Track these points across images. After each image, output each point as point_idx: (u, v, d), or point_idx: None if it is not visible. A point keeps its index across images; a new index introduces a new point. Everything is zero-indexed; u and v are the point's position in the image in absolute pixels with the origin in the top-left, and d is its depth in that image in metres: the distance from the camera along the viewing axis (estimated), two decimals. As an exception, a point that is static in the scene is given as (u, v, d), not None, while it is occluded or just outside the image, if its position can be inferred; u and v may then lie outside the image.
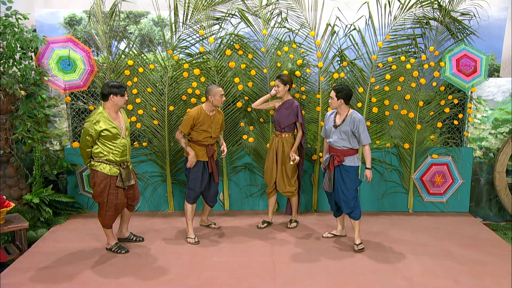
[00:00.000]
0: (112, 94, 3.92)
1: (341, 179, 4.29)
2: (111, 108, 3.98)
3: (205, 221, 4.98)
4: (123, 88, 3.97)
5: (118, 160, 4.00)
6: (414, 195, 5.59)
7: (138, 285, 3.69)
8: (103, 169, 3.97)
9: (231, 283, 3.72)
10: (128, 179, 4.11)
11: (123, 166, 4.07)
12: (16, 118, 5.04)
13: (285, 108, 4.71)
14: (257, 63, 5.29)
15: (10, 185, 5.01)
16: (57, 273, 3.88)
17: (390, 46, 5.30)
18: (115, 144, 3.97)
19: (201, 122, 4.37)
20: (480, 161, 5.63)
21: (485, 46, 5.33)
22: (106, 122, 3.91)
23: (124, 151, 4.03)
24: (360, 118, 4.20)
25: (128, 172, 4.12)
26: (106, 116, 3.93)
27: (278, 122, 4.75)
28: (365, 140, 4.23)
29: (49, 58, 5.16)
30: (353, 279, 3.81)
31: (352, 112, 4.26)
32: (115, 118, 4.00)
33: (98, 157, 3.97)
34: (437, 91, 5.41)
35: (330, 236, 4.74)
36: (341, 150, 4.27)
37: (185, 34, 5.19)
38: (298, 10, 5.20)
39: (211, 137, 4.47)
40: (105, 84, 3.98)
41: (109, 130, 3.91)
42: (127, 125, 4.12)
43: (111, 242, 4.30)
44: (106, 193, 4.01)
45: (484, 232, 5.00)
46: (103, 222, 4.18)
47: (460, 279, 3.84)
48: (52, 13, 5.25)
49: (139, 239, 4.58)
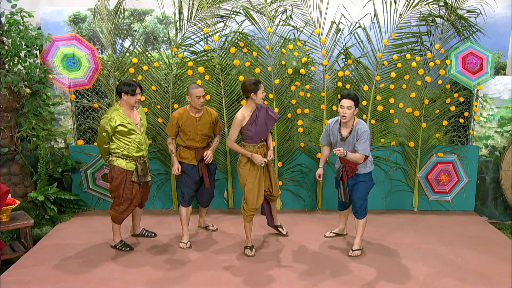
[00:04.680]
0: (123, 92, 4.00)
1: (353, 185, 4.19)
2: (125, 105, 4.07)
3: (203, 222, 4.92)
4: (133, 86, 3.97)
5: (135, 155, 4.10)
6: (419, 194, 5.57)
7: (143, 282, 3.70)
8: (120, 164, 4.08)
9: (236, 282, 3.72)
10: (144, 175, 4.19)
11: (140, 161, 4.15)
12: (21, 116, 5.06)
13: (261, 118, 4.09)
14: (261, 61, 5.28)
15: (15, 183, 5.02)
16: (62, 271, 3.89)
17: (396, 44, 5.27)
18: (131, 140, 4.06)
19: (184, 124, 4.23)
20: (485, 159, 5.60)
21: (492, 44, 5.29)
22: (120, 118, 4.01)
23: (139, 146, 4.11)
24: (365, 129, 3.96)
25: (144, 168, 4.19)
26: (121, 112, 4.03)
27: (260, 134, 4.12)
28: (362, 150, 3.95)
29: (54, 56, 5.16)
30: (357, 279, 3.80)
31: (357, 122, 4.04)
32: (130, 114, 4.09)
33: (115, 152, 4.09)
34: (443, 89, 5.38)
35: (333, 235, 4.72)
36: (353, 161, 4.07)
37: (189, 32, 5.18)
38: (303, 8, 5.18)
39: (198, 140, 4.30)
40: (119, 82, 4.11)
41: (124, 125, 4.01)
42: (143, 121, 4.20)
43: (116, 239, 4.32)
44: (122, 187, 4.11)
45: (489, 231, 4.97)
46: (114, 216, 4.22)
47: (466, 278, 3.83)
48: (57, 11, 5.25)
49: (151, 234, 4.65)
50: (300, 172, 5.50)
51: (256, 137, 4.11)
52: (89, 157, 5.37)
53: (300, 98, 5.32)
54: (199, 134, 4.29)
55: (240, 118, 4.02)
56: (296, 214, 5.39)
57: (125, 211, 4.20)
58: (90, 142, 5.46)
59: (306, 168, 5.49)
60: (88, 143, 5.46)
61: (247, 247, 4.28)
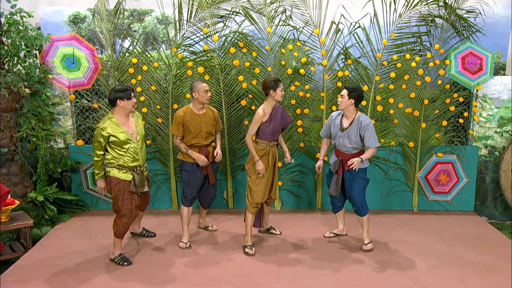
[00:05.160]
0: (119, 99, 3.81)
1: (350, 181, 4.24)
2: (120, 112, 3.88)
3: (202, 223, 4.91)
4: (128, 91, 3.85)
5: (130, 165, 3.90)
6: (419, 194, 5.57)
7: (143, 283, 3.69)
8: (116, 174, 3.89)
9: (236, 282, 3.72)
10: (142, 185, 3.99)
11: (136, 171, 3.95)
12: (20, 116, 5.06)
13: (278, 116, 4.26)
14: (261, 61, 5.28)
15: (15, 183, 5.02)
16: (62, 271, 3.89)
17: (395, 44, 5.27)
18: (125, 150, 3.87)
19: (189, 121, 4.24)
20: (485, 159, 5.60)
21: (491, 44, 5.30)
22: (113, 128, 3.81)
23: (135, 156, 3.91)
24: (368, 122, 4.07)
25: (142, 178, 3.99)
26: (115, 122, 3.84)
27: (275, 132, 4.29)
28: (373, 144, 4.08)
29: (54, 56, 5.16)
30: (357, 278, 3.80)
31: (360, 115, 4.14)
32: (125, 123, 3.90)
33: (110, 163, 3.90)
34: (442, 89, 5.38)
35: (332, 236, 4.72)
36: (350, 154, 4.17)
37: (189, 32, 5.18)
38: (302, 8, 5.18)
39: (203, 137, 4.31)
40: (111, 90, 3.87)
41: (116, 136, 3.81)
42: (139, 129, 3.98)
43: (116, 252, 4.13)
44: (120, 198, 3.92)
45: (489, 231, 4.97)
46: (116, 231, 4.03)
47: (466, 278, 3.83)
48: (56, 11, 5.25)
49: (151, 234, 4.64)
50: (300, 172, 5.51)
51: (272, 135, 4.26)
52: (88, 157, 5.37)
53: (300, 98, 5.32)
54: (204, 131, 4.30)
55: (261, 114, 4.17)
56: (295, 214, 5.39)
57: (126, 224, 4.01)
58: (90, 142, 5.46)
59: (305, 168, 5.49)
60: (88, 143, 5.46)
61: (247, 246, 4.31)
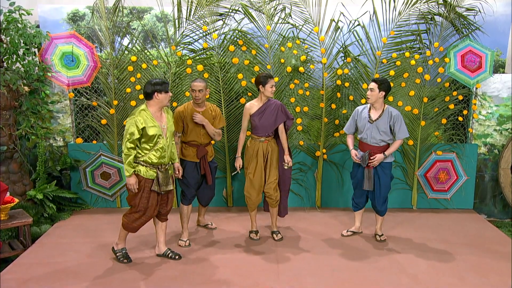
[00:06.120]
0: (156, 91, 3.67)
1: (378, 176, 4.26)
2: (155, 106, 3.74)
3: (202, 221, 4.91)
4: (166, 84, 3.74)
5: (156, 162, 3.75)
6: (418, 192, 5.57)
7: (142, 281, 3.70)
8: (139, 171, 3.74)
9: (236, 280, 3.72)
10: (165, 183, 3.83)
11: (161, 169, 3.80)
12: (19, 114, 5.05)
13: (269, 112, 4.25)
14: (260, 59, 5.27)
15: (14, 181, 5.02)
16: (61, 269, 3.88)
17: (395, 42, 5.27)
18: (152, 145, 3.73)
19: (188, 118, 4.20)
20: (484, 157, 5.60)
21: (490, 42, 5.29)
22: (147, 121, 3.68)
23: (163, 153, 3.78)
24: (398, 113, 4.18)
25: (166, 176, 3.83)
26: (149, 114, 3.71)
27: (265, 128, 4.27)
28: (403, 134, 4.18)
29: (53, 54, 5.15)
30: (357, 277, 3.80)
31: (388, 107, 4.21)
32: (158, 117, 3.76)
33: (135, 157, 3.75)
34: (442, 87, 5.38)
35: (350, 234, 4.68)
36: (378, 147, 4.19)
37: (188, 30, 5.17)
38: (302, 6, 5.18)
39: (200, 135, 4.26)
40: (147, 83, 3.72)
41: (149, 129, 3.67)
42: (169, 125, 3.85)
43: (120, 245, 4.07)
44: (139, 196, 3.78)
45: (488, 229, 4.98)
46: (125, 223, 3.89)
47: (465, 276, 3.83)
48: (55, 8, 5.24)
49: (176, 256, 4.10)
50: (299, 170, 5.50)
51: (260, 129, 4.29)
52: (88, 155, 5.37)
53: (299, 96, 5.32)
54: (201, 128, 4.27)
55: (247, 107, 4.33)
56: (295, 212, 5.38)
57: (138, 220, 3.85)
58: (89, 140, 5.45)
59: (305, 166, 5.49)
60: (87, 141, 5.46)
61: (252, 231, 4.52)
